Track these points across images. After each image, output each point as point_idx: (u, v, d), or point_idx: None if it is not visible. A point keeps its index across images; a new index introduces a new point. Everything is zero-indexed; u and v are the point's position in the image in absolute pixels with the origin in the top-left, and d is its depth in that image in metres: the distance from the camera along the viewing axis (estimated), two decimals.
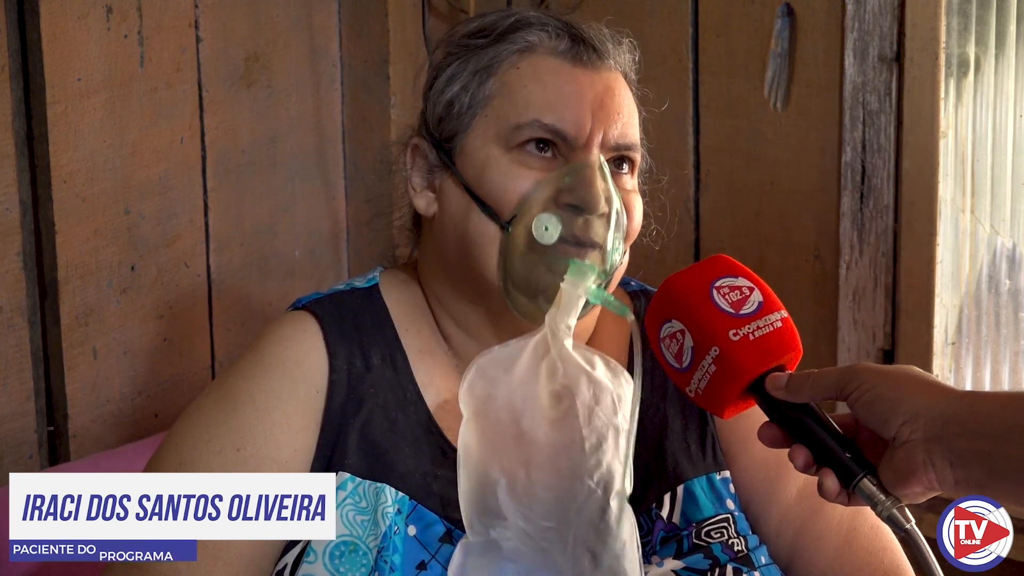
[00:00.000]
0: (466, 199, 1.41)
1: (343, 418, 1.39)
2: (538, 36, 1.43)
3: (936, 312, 2.10)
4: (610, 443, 1.32)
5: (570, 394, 1.32)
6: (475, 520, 1.33)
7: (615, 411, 1.33)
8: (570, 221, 1.37)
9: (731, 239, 2.25)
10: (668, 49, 2.27)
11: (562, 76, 1.41)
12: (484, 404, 1.34)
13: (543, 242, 1.36)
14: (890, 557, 1.44)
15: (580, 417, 1.32)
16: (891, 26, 2.08)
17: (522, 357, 1.34)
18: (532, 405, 1.33)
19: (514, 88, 1.41)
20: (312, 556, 1.33)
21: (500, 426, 1.33)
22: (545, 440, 1.32)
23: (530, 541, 1.32)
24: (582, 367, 1.33)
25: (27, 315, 1.97)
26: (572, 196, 1.37)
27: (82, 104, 1.99)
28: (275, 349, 1.41)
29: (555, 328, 1.33)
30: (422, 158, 1.46)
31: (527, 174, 1.39)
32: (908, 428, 1.13)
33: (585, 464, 1.31)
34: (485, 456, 1.33)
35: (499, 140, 1.40)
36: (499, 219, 1.38)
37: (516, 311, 1.39)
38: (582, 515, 1.31)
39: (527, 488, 1.32)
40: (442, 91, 1.45)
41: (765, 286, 1.27)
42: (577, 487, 1.31)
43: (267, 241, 2.32)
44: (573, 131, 1.39)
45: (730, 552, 1.41)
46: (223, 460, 1.36)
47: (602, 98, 1.41)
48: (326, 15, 2.40)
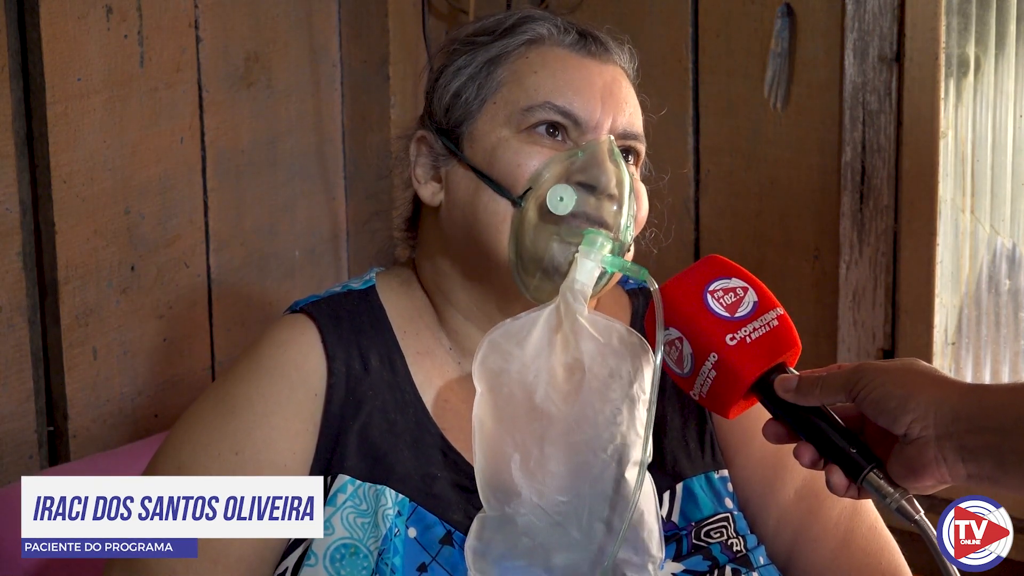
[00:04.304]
0: (475, 182, 1.40)
1: (342, 421, 1.39)
2: (546, 28, 1.44)
3: (936, 312, 2.10)
4: (624, 415, 1.31)
5: (582, 366, 1.32)
6: (491, 496, 1.33)
7: (631, 382, 1.32)
8: (583, 200, 1.36)
9: (731, 239, 2.25)
10: (668, 49, 2.27)
11: (571, 63, 1.42)
12: (497, 378, 1.33)
13: (558, 212, 1.35)
14: (888, 558, 1.45)
15: (593, 389, 1.31)
16: (891, 26, 2.08)
17: (534, 330, 1.33)
18: (545, 379, 1.32)
19: (524, 74, 1.42)
20: (313, 559, 1.33)
21: (513, 400, 1.33)
22: (558, 414, 1.32)
23: (544, 516, 1.32)
24: (595, 338, 1.32)
25: (27, 315, 1.97)
26: (584, 175, 1.37)
27: (82, 104, 1.99)
28: (273, 353, 1.41)
29: (570, 298, 1.32)
30: (427, 148, 1.46)
31: (539, 151, 1.38)
32: (919, 425, 1.14)
33: (599, 437, 1.31)
34: (499, 431, 1.32)
35: (509, 123, 1.40)
36: (511, 195, 1.37)
37: (527, 292, 1.38)
38: (596, 488, 1.31)
39: (540, 463, 1.32)
40: (449, 83, 1.45)
41: (760, 284, 1.26)
42: (591, 460, 1.31)
43: (267, 241, 2.32)
44: (584, 114, 1.39)
45: (729, 553, 1.41)
46: (221, 464, 1.36)
47: (610, 87, 1.42)
48: (326, 15, 2.40)
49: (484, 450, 1.33)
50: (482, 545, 1.33)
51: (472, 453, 1.34)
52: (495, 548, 1.32)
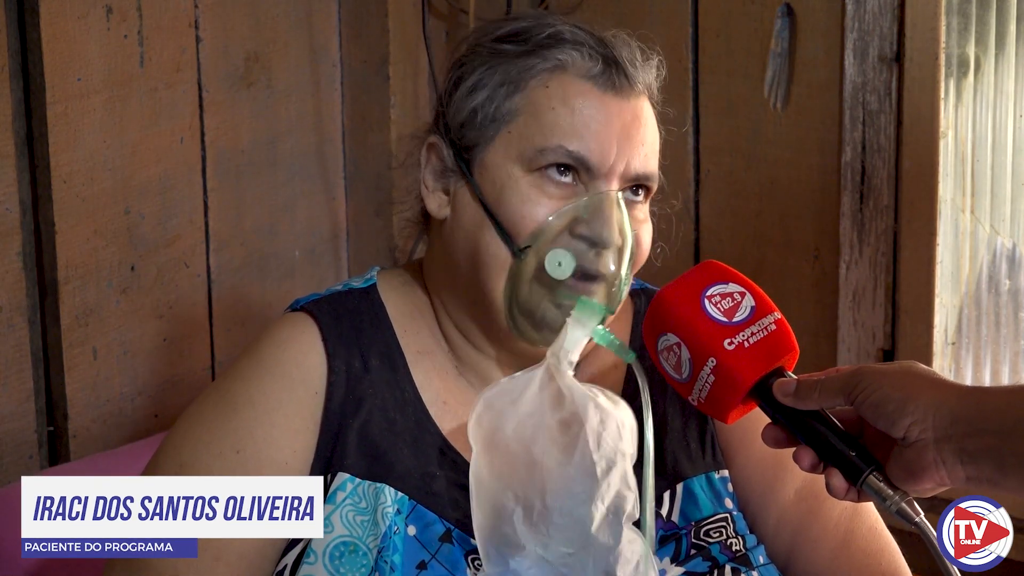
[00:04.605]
0: (481, 215, 1.40)
1: (342, 419, 1.39)
2: (570, 56, 1.41)
3: (936, 312, 2.10)
4: (618, 468, 1.32)
5: (578, 420, 1.32)
6: (492, 552, 1.32)
7: (620, 436, 1.32)
8: (583, 253, 1.37)
9: (731, 239, 2.25)
10: (668, 49, 2.25)
11: (591, 102, 1.40)
12: (493, 436, 1.33)
13: (555, 276, 1.36)
14: (888, 559, 1.44)
15: (590, 443, 1.31)
16: (891, 26, 2.08)
17: (529, 389, 1.33)
18: (542, 433, 1.33)
19: (541, 108, 1.40)
20: (312, 557, 1.33)
21: (511, 456, 1.33)
22: (557, 467, 1.32)
23: (550, 568, 1.32)
24: (587, 394, 1.32)
25: (27, 315, 1.97)
26: (588, 228, 1.37)
27: (82, 104, 1.99)
28: (274, 351, 1.41)
29: (557, 361, 1.33)
30: (438, 158, 1.46)
31: (546, 203, 1.38)
32: (917, 428, 1.14)
33: (598, 488, 1.31)
34: (498, 487, 1.33)
35: (521, 160, 1.40)
36: (512, 244, 1.38)
37: (515, 331, 1.40)
38: (599, 539, 1.31)
39: (544, 515, 1.32)
40: (466, 97, 1.43)
41: (757, 289, 1.27)
42: (593, 511, 1.31)
43: (267, 241, 2.32)
44: (597, 160, 1.39)
45: (728, 553, 1.41)
46: (223, 462, 1.36)
47: (628, 129, 1.41)
48: (326, 15, 2.40)
49: (483, 506, 1.33)
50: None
51: (470, 455, 1.34)
52: None
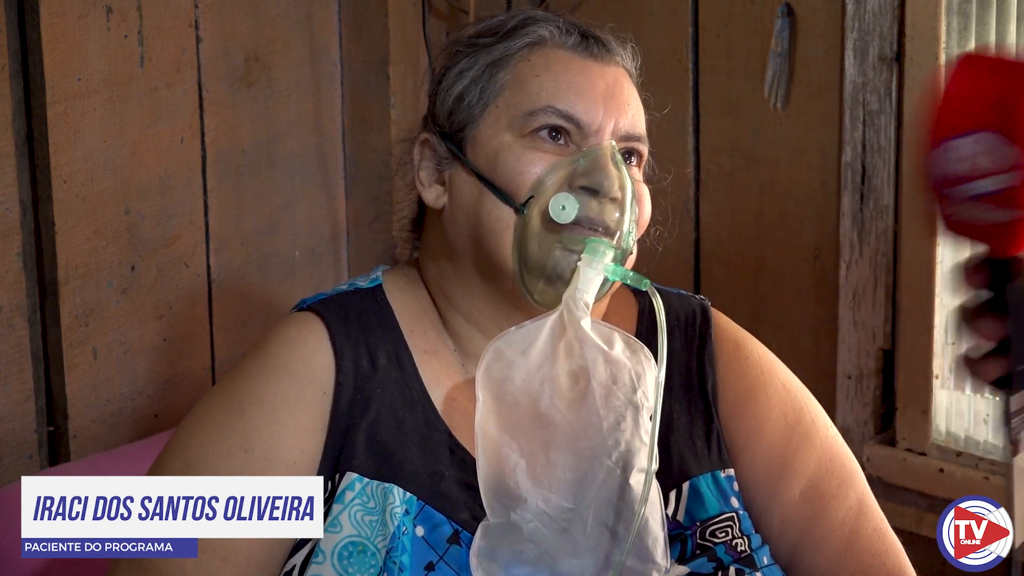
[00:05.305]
0: (478, 186, 1.41)
1: (350, 419, 1.39)
2: (548, 30, 1.44)
3: (936, 312, 2.10)
4: (628, 422, 1.32)
5: (587, 374, 1.32)
6: (495, 502, 1.33)
7: (634, 389, 1.33)
8: (585, 204, 1.37)
9: (731, 239, 2.25)
10: (668, 49, 2.27)
11: (573, 66, 1.42)
12: (502, 387, 1.34)
13: (560, 221, 1.36)
14: (892, 560, 1.44)
15: (597, 397, 1.32)
16: (891, 26, 2.08)
17: (539, 338, 1.34)
18: (550, 386, 1.33)
19: (526, 78, 1.42)
20: (320, 556, 1.33)
21: (518, 408, 1.33)
22: (563, 421, 1.33)
23: (550, 522, 1.32)
24: (598, 346, 1.32)
25: (27, 315, 1.97)
26: (587, 179, 1.38)
27: (82, 104, 1.99)
28: (281, 350, 1.41)
29: (572, 306, 1.33)
30: (431, 152, 1.46)
31: (541, 157, 1.39)
32: None
33: (603, 444, 1.32)
34: (503, 439, 1.33)
35: (512, 127, 1.41)
36: (513, 202, 1.38)
37: (531, 297, 1.39)
38: (601, 494, 1.32)
39: (546, 470, 1.32)
40: (451, 86, 1.45)
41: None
42: (596, 467, 1.32)
43: (267, 241, 2.32)
44: (586, 118, 1.40)
45: (733, 553, 1.40)
46: (231, 462, 1.35)
47: (612, 89, 1.43)
48: (326, 15, 2.40)
49: (488, 457, 1.33)
50: (488, 548, 1.33)
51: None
52: (500, 554, 1.33)
